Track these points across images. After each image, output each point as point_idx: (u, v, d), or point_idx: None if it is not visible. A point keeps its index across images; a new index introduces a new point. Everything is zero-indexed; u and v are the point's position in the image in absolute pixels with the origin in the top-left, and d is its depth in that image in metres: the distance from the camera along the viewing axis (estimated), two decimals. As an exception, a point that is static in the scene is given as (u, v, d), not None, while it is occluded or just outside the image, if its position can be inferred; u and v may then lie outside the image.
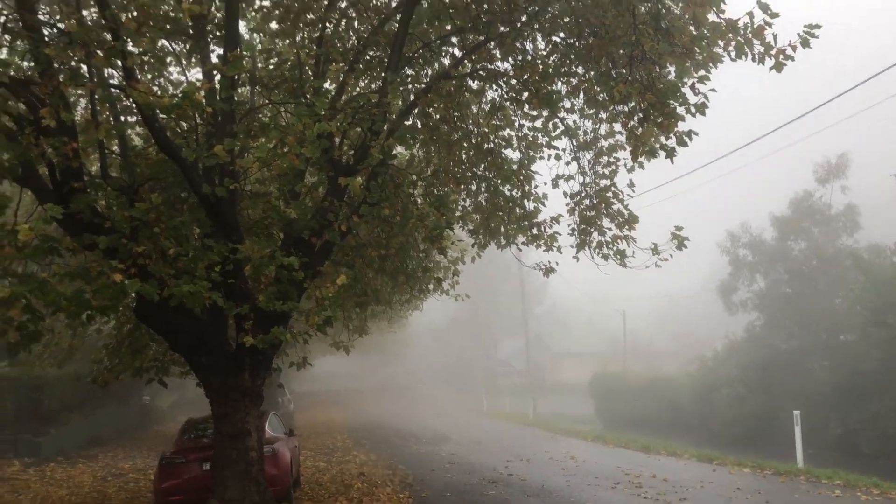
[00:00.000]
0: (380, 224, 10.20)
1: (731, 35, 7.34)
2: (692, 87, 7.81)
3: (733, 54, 7.46)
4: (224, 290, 8.00)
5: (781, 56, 7.40)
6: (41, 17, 7.62)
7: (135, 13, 7.34)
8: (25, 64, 8.42)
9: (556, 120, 10.71)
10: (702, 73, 7.74)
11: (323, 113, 8.43)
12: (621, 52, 8.51)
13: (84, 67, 7.57)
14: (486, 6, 10.04)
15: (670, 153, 8.27)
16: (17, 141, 6.72)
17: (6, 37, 7.52)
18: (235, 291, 8.32)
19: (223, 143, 7.64)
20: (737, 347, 27.69)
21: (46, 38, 7.32)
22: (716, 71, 8.05)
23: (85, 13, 8.32)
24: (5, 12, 7.43)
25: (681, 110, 7.81)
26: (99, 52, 6.91)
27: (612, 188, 10.65)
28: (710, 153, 19.63)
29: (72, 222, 7.41)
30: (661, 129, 7.85)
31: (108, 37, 7.12)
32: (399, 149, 10.99)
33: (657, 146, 8.38)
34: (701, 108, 7.74)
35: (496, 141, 11.40)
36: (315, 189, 9.58)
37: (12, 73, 6.44)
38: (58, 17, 8.27)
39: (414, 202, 10.48)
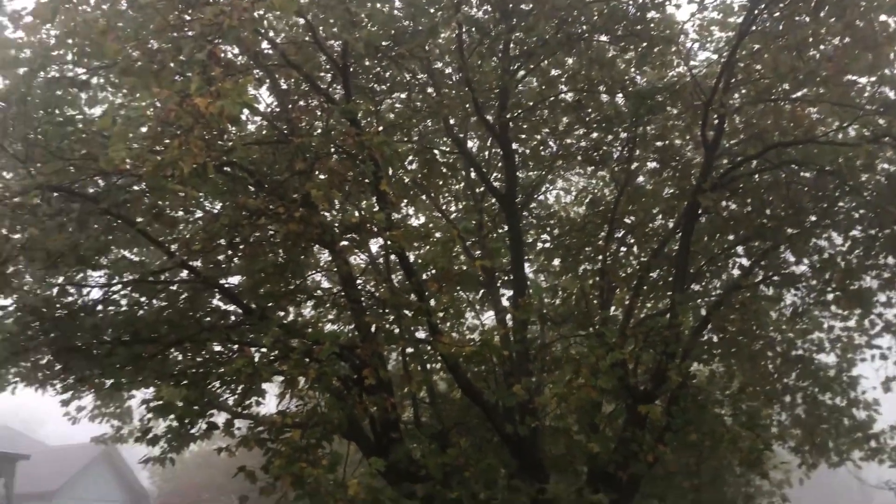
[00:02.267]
0: (688, 450, 9.58)
1: None
2: None
3: None
4: (536, 533, 7.85)
5: None
6: (359, 289, 8.77)
7: (433, 271, 8.22)
8: (346, 329, 9.57)
9: (873, 316, 9.69)
10: None
11: (614, 341, 8.46)
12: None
13: (396, 328, 8.44)
14: (768, 211, 9.78)
15: None
16: (344, 400, 7.51)
17: (334, 310, 8.74)
18: (547, 534, 8.12)
19: (521, 382, 7.90)
20: None
21: (364, 306, 8.37)
22: None
23: (393, 276, 9.39)
24: (334, 289, 8.71)
25: None
26: (407, 312, 7.74)
27: (961, 387, 9.15)
28: None
29: (391, 472, 7.90)
30: None
31: (414, 297, 7.97)
32: (697, 366, 10.54)
33: None
34: None
35: (805, 346, 10.51)
36: (615, 419, 9.37)
37: (340, 341, 7.37)
38: (372, 285, 9.44)
39: (722, 423, 9.79)
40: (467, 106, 9.74)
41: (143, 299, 8.20)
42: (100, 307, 7.92)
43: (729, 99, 9.33)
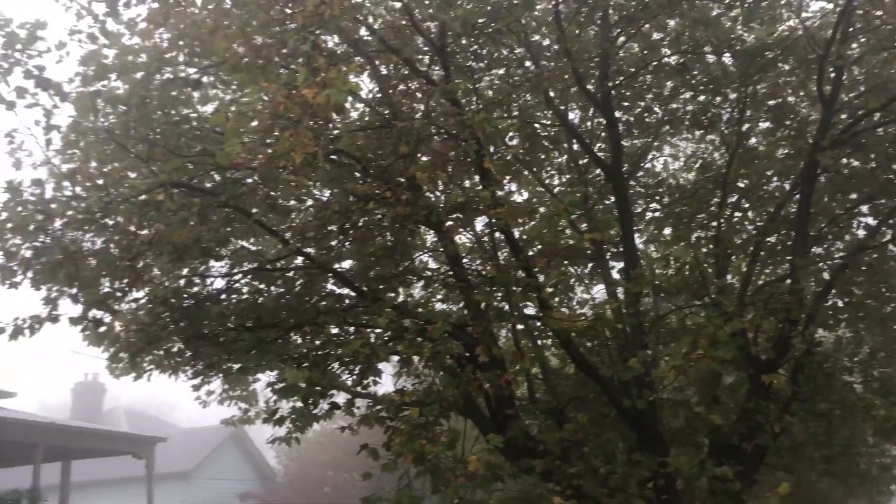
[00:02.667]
0: (816, 420, 9.20)
1: None
2: None
3: None
4: (658, 507, 7.74)
5: None
6: (466, 268, 8.81)
7: (539, 246, 8.18)
8: (456, 308, 9.65)
9: None
10: None
11: (732, 310, 8.20)
12: None
13: (505, 305, 8.46)
14: (895, 167, 9.21)
15: None
16: (458, 377, 7.60)
17: (443, 290, 8.83)
18: (671, 508, 7.99)
19: (636, 355, 7.78)
20: None
21: (472, 284, 8.41)
22: None
23: (499, 253, 9.39)
24: (442, 269, 8.80)
25: None
26: (516, 289, 7.73)
27: None
28: None
29: (509, 448, 7.96)
30: None
31: (522, 273, 7.96)
32: (822, 332, 10.09)
33: None
34: None
35: (942, 308, 9.87)
36: (736, 390, 9.10)
37: (452, 320, 7.44)
38: (478, 263, 9.47)
39: (853, 391, 9.34)
40: (566, 77, 9.58)
41: (262, 286, 8.54)
42: (223, 296, 8.31)
43: (847, 49, 8.81)
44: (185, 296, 7.97)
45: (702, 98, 10.48)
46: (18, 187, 6.90)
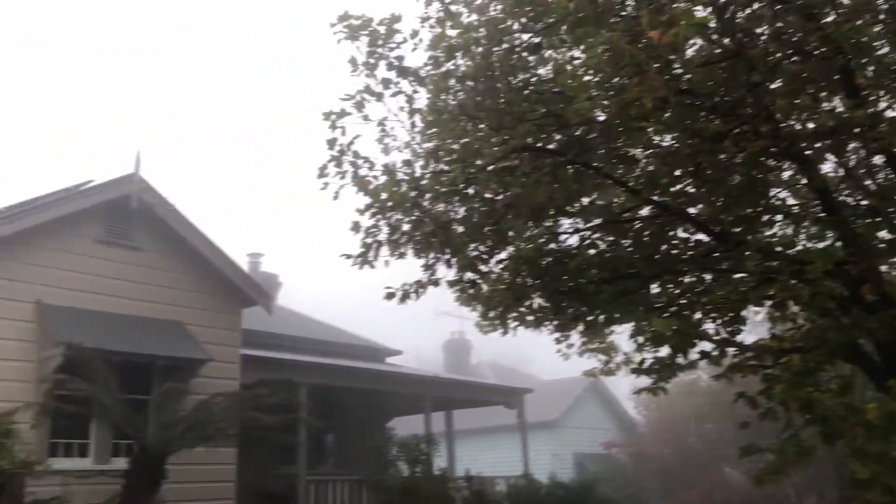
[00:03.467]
0: None
1: None
2: None
3: None
4: None
5: None
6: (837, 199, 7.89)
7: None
8: (830, 245, 8.67)
9: None
10: None
11: None
12: None
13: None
14: None
15: None
16: (840, 320, 6.87)
17: (811, 226, 8.01)
18: None
19: None
20: None
21: (849, 217, 7.50)
22: None
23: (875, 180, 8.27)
24: (809, 204, 7.99)
25: None
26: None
27: None
28: None
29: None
30: None
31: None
32: None
33: None
34: None
35: None
36: None
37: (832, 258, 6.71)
38: (847, 193, 8.42)
39: None
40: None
41: (613, 239, 8.54)
42: (575, 251, 8.48)
43: None
44: (543, 253, 8.28)
45: None
46: (393, 169, 7.73)
